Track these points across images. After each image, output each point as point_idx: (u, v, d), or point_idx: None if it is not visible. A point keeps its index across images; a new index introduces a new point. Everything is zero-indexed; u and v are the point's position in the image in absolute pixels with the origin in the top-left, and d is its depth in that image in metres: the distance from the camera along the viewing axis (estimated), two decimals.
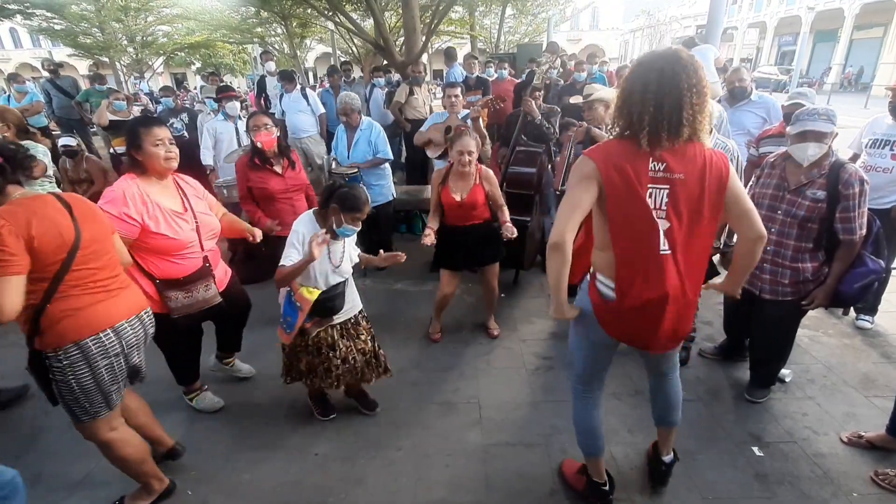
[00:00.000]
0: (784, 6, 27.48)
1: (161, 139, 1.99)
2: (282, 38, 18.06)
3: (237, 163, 3.02)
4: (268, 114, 2.97)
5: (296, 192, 3.03)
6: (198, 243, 2.16)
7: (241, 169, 2.95)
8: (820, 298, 2.21)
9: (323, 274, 2.16)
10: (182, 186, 2.19)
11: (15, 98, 6.30)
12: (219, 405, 2.56)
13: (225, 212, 2.47)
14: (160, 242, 2.02)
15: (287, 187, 2.97)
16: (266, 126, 2.80)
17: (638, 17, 35.05)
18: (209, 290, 2.22)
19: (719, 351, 2.93)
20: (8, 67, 29.96)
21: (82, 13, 16.86)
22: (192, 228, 2.13)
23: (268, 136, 2.81)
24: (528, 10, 18.85)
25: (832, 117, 2.07)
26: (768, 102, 3.59)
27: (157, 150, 1.98)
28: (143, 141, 1.97)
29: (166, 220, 2.03)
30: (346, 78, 6.54)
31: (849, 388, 2.67)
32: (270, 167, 2.90)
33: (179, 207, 2.11)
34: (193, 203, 2.17)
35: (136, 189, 1.98)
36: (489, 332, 3.27)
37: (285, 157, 2.97)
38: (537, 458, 2.23)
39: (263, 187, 2.90)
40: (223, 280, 2.38)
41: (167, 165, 2.03)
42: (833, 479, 2.08)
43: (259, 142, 2.79)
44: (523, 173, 3.69)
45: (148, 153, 1.98)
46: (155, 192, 2.04)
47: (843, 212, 2.07)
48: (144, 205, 1.98)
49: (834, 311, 3.47)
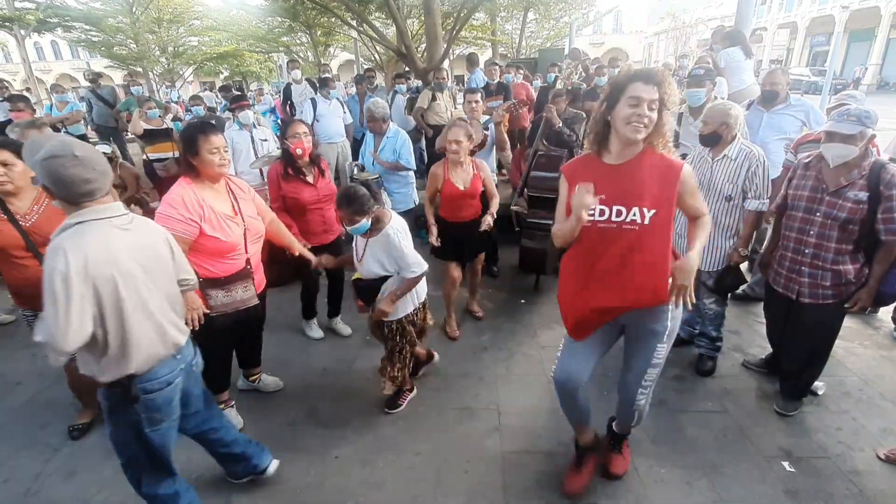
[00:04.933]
0: (816, 5, 26.62)
1: (217, 147, 2.07)
2: (307, 47, 18.45)
3: (270, 171, 3.03)
4: (304, 122, 3.00)
5: (327, 201, 3.02)
6: (243, 246, 2.23)
7: (275, 178, 2.95)
8: (864, 300, 2.17)
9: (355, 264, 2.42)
10: (233, 189, 2.26)
11: (56, 107, 6.61)
12: (239, 425, 2.51)
13: (273, 218, 2.53)
14: (213, 244, 2.10)
15: (319, 197, 2.96)
16: (304, 134, 2.84)
17: (663, 20, 34.48)
18: (248, 290, 2.27)
19: (765, 364, 2.82)
20: (49, 78, 31.45)
21: (118, 25, 17.64)
22: (241, 231, 2.20)
23: (305, 143, 2.85)
24: (550, 15, 18.79)
25: (863, 119, 1.99)
26: (807, 106, 3.45)
27: (213, 157, 2.06)
28: (201, 147, 2.04)
29: (219, 223, 2.10)
30: (368, 85, 6.63)
31: (886, 402, 2.56)
32: (303, 177, 2.92)
33: (230, 211, 2.19)
34: (243, 207, 2.25)
35: (193, 194, 2.08)
36: (473, 313, 3.54)
37: (316, 166, 2.99)
38: (556, 467, 2.19)
39: (296, 197, 2.90)
40: (261, 284, 2.42)
41: (220, 171, 2.11)
42: (869, 498, 1.99)
43: (298, 149, 2.82)
44: (545, 178, 3.68)
45: (204, 160, 2.06)
46: (208, 196, 2.12)
47: (886, 212, 2.02)
48: (201, 208, 2.07)
49: (870, 321, 3.33)
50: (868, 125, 2.00)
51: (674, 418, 1.94)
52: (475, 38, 16.65)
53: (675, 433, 1.98)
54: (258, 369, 2.80)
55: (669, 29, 33.10)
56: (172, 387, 1.62)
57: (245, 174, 4.20)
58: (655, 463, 2.20)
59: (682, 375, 2.80)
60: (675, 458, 2.20)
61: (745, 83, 4.49)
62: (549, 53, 10.93)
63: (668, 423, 2.40)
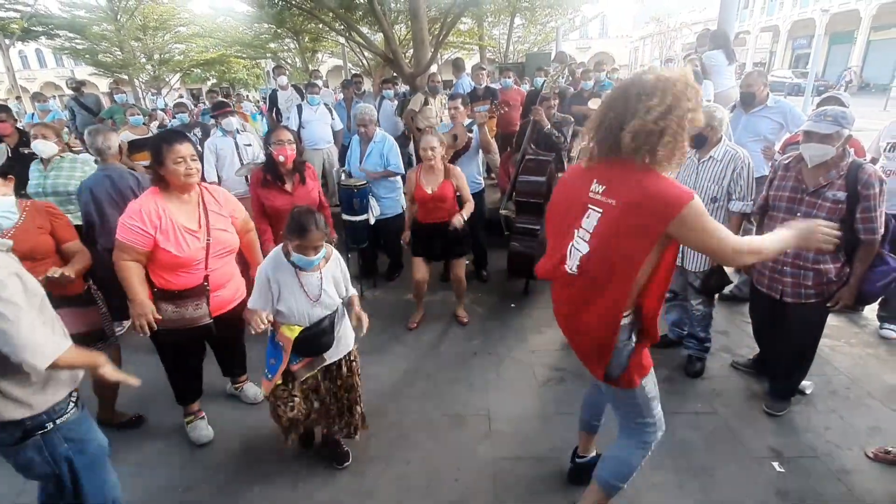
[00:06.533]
0: (797, 9, 27.15)
1: (182, 157, 2.02)
2: (294, 53, 18.40)
3: (252, 177, 3.03)
4: (289, 129, 2.98)
5: None
6: (203, 261, 2.15)
7: (254, 184, 2.96)
8: (846, 298, 2.20)
9: (302, 312, 1.94)
10: (206, 201, 2.19)
11: (38, 116, 6.52)
12: (205, 438, 2.44)
13: (251, 230, 2.49)
14: (166, 257, 2.05)
15: (295, 205, 2.94)
16: (289, 141, 2.82)
17: (648, 24, 34.98)
18: (199, 309, 2.17)
19: (753, 364, 2.83)
20: (33, 86, 31.07)
21: (103, 33, 17.49)
22: (201, 246, 2.13)
23: (289, 151, 2.83)
24: (536, 20, 18.91)
25: (840, 119, 2.03)
26: (785, 108, 3.49)
27: (178, 167, 2.01)
28: (165, 157, 2.00)
29: (176, 236, 2.05)
30: (356, 90, 6.62)
31: (873, 401, 2.58)
32: (281, 185, 2.90)
33: (194, 224, 2.12)
34: (212, 220, 2.18)
35: (154, 205, 2.04)
36: (459, 319, 3.55)
37: (297, 173, 2.97)
38: (548, 473, 2.18)
39: (270, 205, 2.90)
40: (229, 300, 2.33)
41: (187, 181, 2.06)
42: (858, 498, 1.99)
43: (281, 156, 2.80)
44: (532, 182, 3.68)
45: (169, 170, 2.02)
46: (172, 208, 2.08)
47: (864, 212, 2.06)
48: (159, 219, 2.03)
49: (856, 320, 3.36)
50: (845, 125, 2.03)
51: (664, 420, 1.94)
52: (463, 42, 16.74)
53: (665, 436, 1.96)
54: (243, 377, 2.76)
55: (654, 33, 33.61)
56: None
57: (230, 181, 4.16)
58: (647, 467, 2.17)
59: (672, 377, 2.80)
60: (666, 461, 2.19)
61: (724, 86, 4.56)
62: (537, 58, 11.00)
63: None
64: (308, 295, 1.94)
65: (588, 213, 1.44)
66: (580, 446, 2.10)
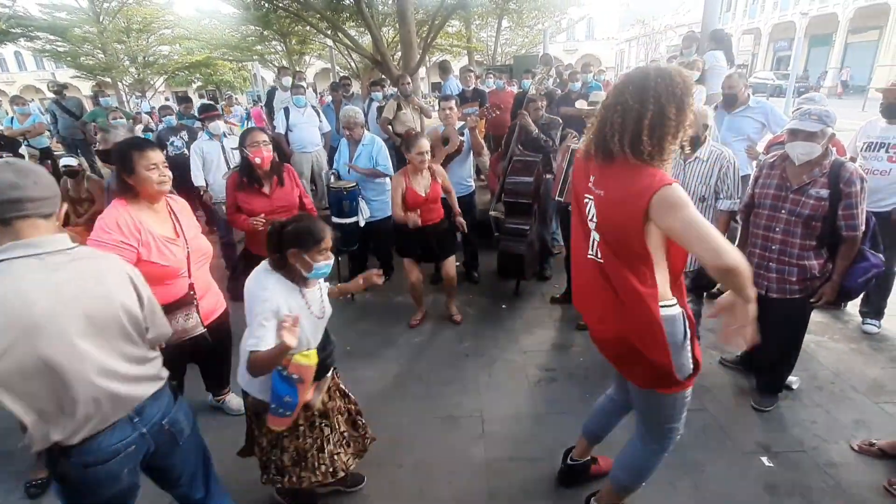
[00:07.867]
0: (778, 12, 27.69)
1: (155, 163, 1.90)
2: (281, 56, 18.27)
3: (228, 178, 2.99)
4: (264, 130, 2.94)
5: (282, 212, 2.84)
6: (186, 269, 2.06)
7: (231, 186, 2.91)
8: (828, 294, 2.25)
9: (310, 333, 1.74)
10: (174, 210, 2.09)
11: (18, 120, 6.38)
12: None
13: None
14: (151, 270, 1.87)
15: (273, 208, 2.85)
16: (264, 143, 2.77)
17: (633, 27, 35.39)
18: (189, 319, 2.07)
19: (742, 361, 2.87)
20: (12, 90, 30.39)
21: (84, 35, 17.11)
22: (183, 255, 2.04)
23: (265, 153, 2.79)
24: (523, 23, 19.08)
25: (824, 118, 2.08)
26: (766, 108, 3.59)
27: (151, 174, 1.89)
28: (136, 164, 1.87)
29: (158, 248, 1.94)
30: (344, 93, 6.60)
31: (858, 395, 2.63)
32: (258, 187, 2.85)
33: (171, 233, 2.03)
34: (185, 226, 2.09)
35: (129, 216, 1.90)
36: (452, 318, 3.56)
37: (276, 175, 2.90)
38: (541, 474, 2.18)
39: (248, 207, 2.84)
40: (213, 310, 2.25)
41: (160, 189, 1.94)
42: (845, 490, 2.03)
43: (258, 158, 2.76)
44: (520, 182, 3.70)
45: (141, 177, 1.89)
46: (146, 219, 1.95)
47: (846, 209, 2.10)
48: (138, 231, 1.90)
49: (839, 316, 3.43)
50: (829, 124, 2.08)
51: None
52: (451, 45, 16.78)
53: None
54: (226, 389, 2.70)
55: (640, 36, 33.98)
56: (119, 459, 1.33)
57: (217, 185, 4.11)
58: None
59: None
60: None
61: (716, 88, 4.62)
62: (525, 60, 11.05)
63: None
64: (314, 313, 1.76)
65: (588, 203, 1.52)
66: (577, 450, 2.09)
